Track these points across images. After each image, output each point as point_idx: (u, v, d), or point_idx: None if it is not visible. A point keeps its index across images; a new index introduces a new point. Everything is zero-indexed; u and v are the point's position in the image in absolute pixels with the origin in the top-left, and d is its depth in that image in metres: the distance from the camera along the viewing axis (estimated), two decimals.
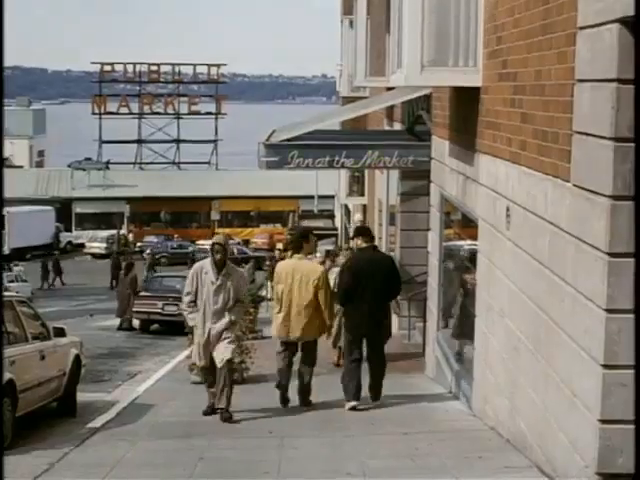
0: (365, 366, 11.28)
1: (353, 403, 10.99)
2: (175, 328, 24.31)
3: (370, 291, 10.92)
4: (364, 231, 11.97)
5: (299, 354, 11.66)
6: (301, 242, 11.65)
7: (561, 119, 6.67)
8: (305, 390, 11.53)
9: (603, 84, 5.68)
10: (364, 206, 31.31)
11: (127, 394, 13.77)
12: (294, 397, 11.49)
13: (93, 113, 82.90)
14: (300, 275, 11.18)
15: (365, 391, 11.28)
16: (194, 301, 10.84)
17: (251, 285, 19.01)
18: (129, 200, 72.86)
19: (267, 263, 28.76)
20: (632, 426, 5.45)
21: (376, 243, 12.77)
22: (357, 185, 31.08)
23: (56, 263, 50.01)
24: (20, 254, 55.04)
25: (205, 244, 65.29)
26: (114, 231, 69.18)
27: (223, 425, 10.33)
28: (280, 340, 11.45)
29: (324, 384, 12.76)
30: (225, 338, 10.76)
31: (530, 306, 7.50)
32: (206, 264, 10.90)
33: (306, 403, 11.54)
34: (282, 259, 17.34)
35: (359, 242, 11.63)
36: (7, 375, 9.83)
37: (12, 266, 43.55)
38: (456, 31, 9.85)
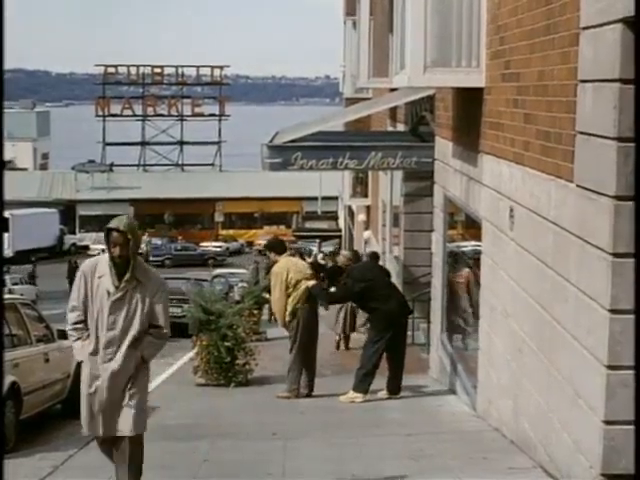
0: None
1: (362, 397, 11.67)
2: (179, 330, 24.28)
3: (395, 292, 12.36)
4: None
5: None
6: (285, 246, 13.23)
7: (564, 119, 6.67)
8: (311, 380, 12.48)
9: (606, 84, 5.68)
10: (368, 207, 31.31)
11: None
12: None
13: (97, 115, 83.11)
14: (303, 269, 12.48)
15: (376, 385, 11.96)
16: (84, 321, 6.65)
17: (254, 287, 19.00)
18: (133, 202, 72.98)
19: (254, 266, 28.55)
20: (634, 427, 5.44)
21: (379, 245, 13.44)
22: (361, 186, 31.07)
23: None
24: (24, 257, 55.10)
25: (209, 246, 65.65)
26: None
27: (227, 427, 10.32)
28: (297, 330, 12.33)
29: (328, 385, 12.78)
30: (132, 395, 6.60)
31: (534, 306, 7.50)
32: (102, 263, 6.67)
33: (310, 393, 12.42)
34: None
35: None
36: (11, 378, 9.85)
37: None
38: (459, 32, 9.85)
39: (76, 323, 6.67)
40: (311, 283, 12.34)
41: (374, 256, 15.85)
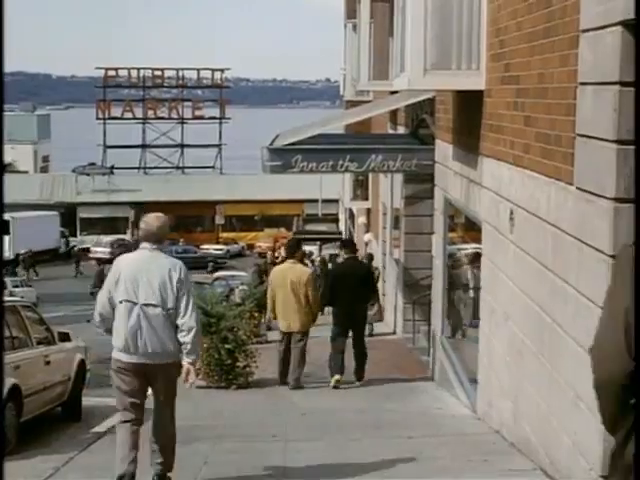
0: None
1: (337, 377, 13.16)
2: None
3: (350, 292, 13.13)
4: (347, 243, 14.99)
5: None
6: (295, 250, 13.76)
7: (564, 122, 6.68)
8: (295, 373, 13.25)
9: (605, 87, 5.69)
10: (368, 210, 31.33)
11: None
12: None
13: (97, 118, 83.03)
14: (292, 277, 13.12)
15: (349, 375, 13.45)
16: None
17: (255, 290, 19.02)
18: (134, 205, 72.93)
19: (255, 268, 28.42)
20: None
21: (379, 247, 13.56)
22: (361, 189, 31.07)
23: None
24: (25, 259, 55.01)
25: (210, 248, 65.63)
26: (119, 236, 69.39)
27: (227, 429, 10.32)
28: (280, 331, 13.55)
29: (327, 389, 12.80)
30: None
31: (533, 309, 7.51)
32: None
33: (297, 384, 13.19)
34: (274, 263, 20.62)
35: (342, 253, 14.37)
36: (12, 380, 9.85)
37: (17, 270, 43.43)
38: (459, 34, 9.87)
39: None
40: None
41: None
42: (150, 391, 7.51)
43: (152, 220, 7.44)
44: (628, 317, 3.02)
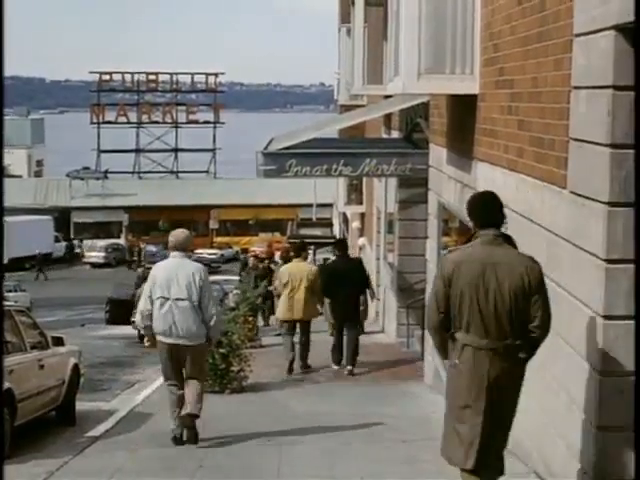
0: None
1: (336, 367, 15.01)
2: None
3: (345, 288, 14.76)
4: (340, 243, 17.12)
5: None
6: (300, 251, 15.76)
7: (557, 126, 6.69)
8: (303, 356, 15.07)
9: (599, 91, 5.70)
10: (362, 214, 31.32)
11: (126, 403, 13.76)
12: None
13: (91, 122, 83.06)
14: (300, 274, 14.87)
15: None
16: None
17: (249, 294, 19.00)
18: (127, 209, 72.97)
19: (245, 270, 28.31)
20: (629, 433, 5.45)
21: (373, 251, 13.62)
22: (355, 193, 31.06)
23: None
24: (18, 264, 54.99)
25: (204, 253, 65.56)
26: (112, 240, 69.37)
27: (222, 433, 10.32)
28: (285, 321, 15.19)
29: (323, 391, 12.79)
30: None
31: None
32: None
33: (305, 366, 15.06)
34: (255, 268, 24.00)
35: (335, 251, 16.46)
36: (5, 384, 9.82)
37: None
38: (453, 39, 9.88)
39: None
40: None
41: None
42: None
43: (179, 234, 9.75)
44: (438, 294, 6.01)
